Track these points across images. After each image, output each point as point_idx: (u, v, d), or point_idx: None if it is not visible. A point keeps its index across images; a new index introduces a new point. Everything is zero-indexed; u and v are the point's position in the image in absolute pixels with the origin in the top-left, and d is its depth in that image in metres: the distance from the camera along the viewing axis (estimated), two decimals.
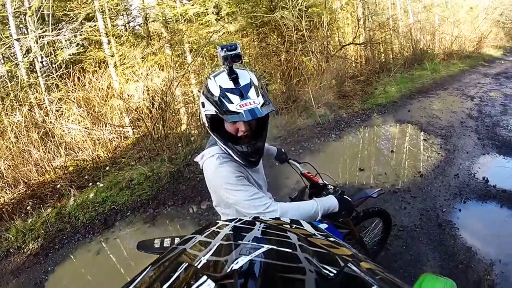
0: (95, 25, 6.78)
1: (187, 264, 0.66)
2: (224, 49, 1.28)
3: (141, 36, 7.83)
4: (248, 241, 0.80)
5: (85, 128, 5.84)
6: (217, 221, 1.03)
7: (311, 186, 2.04)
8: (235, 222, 1.00)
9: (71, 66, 6.77)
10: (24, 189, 4.69)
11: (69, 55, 6.75)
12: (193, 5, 7.31)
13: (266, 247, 0.71)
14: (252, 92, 1.29)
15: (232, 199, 1.40)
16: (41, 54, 6.56)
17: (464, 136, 5.18)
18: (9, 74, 6.68)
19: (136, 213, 4.08)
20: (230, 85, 1.29)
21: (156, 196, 4.29)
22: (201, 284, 0.54)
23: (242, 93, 1.27)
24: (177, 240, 1.86)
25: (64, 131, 5.80)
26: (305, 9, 7.56)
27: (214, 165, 1.42)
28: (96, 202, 4.27)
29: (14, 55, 6.51)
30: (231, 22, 7.70)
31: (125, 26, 8.28)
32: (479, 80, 9.11)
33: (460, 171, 4.15)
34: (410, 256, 2.88)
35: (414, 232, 3.17)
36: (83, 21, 6.74)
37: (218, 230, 0.92)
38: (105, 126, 6.01)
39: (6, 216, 4.17)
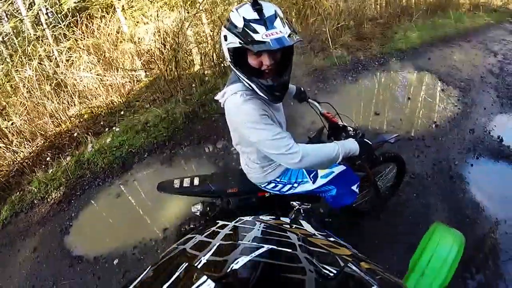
0: None
1: (187, 264, 0.66)
2: None
3: None
4: (248, 241, 0.81)
5: (97, 75, 5.76)
6: (217, 221, 1.04)
7: (330, 127, 2.02)
8: (235, 222, 1.01)
9: (78, 14, 6.49)
10: (42, 142, 4.76)
11: (75, 2, 6.38)
12: None
13: (266, 247, 0.72)
14: (278, 23, 1.24)
15: (255, 138, 1.38)
16: (45, 6, 6.33)
17: (483, 91, 5.01)
18: (15, 30, 6.57)
19: (153, 154, 4.11)
20: (255, 15, 1.24)
21: (172, 137, 4.29)
22: (201, 284, 0.55)
23: (267, 23, 1.22)
24: (196, 180, 1.92)
25: (76, 80, 5.73)
26: None
27: (238, 102, 1.38)
28: (113, 146, 4.31)
29: (17, 11, 6.33)
30: None
31: None
32: (504, 36, 8.58)
33: (476, 127, 4.07)
34: (420, 205, 2.91)
35: (426, 181, 3.19)
36: None
37: (218, 230, 0.93)
38: (117, 71, 5.91)
39: (28, 170, 4.27)
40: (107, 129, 4.79)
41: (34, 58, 5.81)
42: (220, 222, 1.03)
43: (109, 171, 4.01)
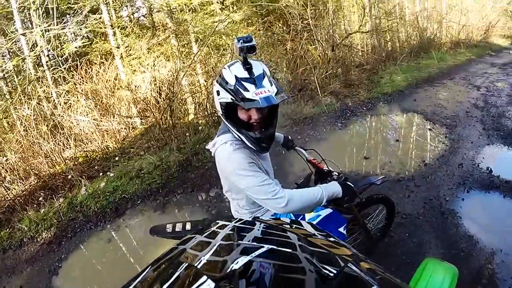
0: (100, 17, 6.75)
1: (187, 264, 0.66)
2: (241, 41, 1.34)
3: (146, 27, 7.80)
4: (248, 241, 0.81)
5: (94, 119, 5.90)
6: (217, 221, 1.04)
7: (316, 172, 2.08)
8: (235, 222, 1.01)
9: (78, 58, 6.81)
10: (36, 181, 4.77)
11: (76, 47, 6.75)
12: None
13: (266, 247, 0.72)
14: (266, 82, 1.38)
15: (244, 184, 1.46)
16: (47, 48, 6.58)
17: (469, 126, 5.17)
18: (16, 68, 6.76)
19: (146, 201, 4.16)
20: (245, 74, 1.36)
21: (165, 184, 4.37)
22: (201, 284, 0.55)
23: (256, 82, 1.35)
24: (188, 225, 1.97)
25: (72, 123, 5.86)
26: None
27: (228, 151, 1.48)
28: (107, 191, 4.36)
29: (20, 50, 6.53)
30: (236, 11, 7.66)
31: (129, 17, 8.23)
32: (486, 70, 9.00)
33: (464, 161, 4.15)
34: (413, 243, 2.92)
35: (417, 220, 3.21)
36: (88, 13, 6.72)
37: (218, 230, 0.93)
38: (113, 117, 6.07)
39: (19, 207, 4.28)
40: (101, 173, 4.85)
41: (33, 98, 5.97)
42: (220, 222, 1.02)
43: (101, 215, 4.04)
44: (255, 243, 0.78)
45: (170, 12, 7.24)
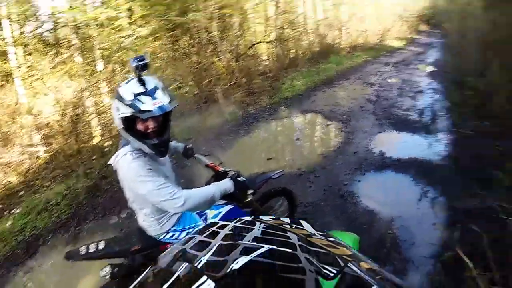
0: (0, 34, 6.08)
1: (187, 264, 0.68)
2: (136, 60, 1.53)
3: (50, 44, 7.31)
4: (248, 241, 0.81)
5: None
6: (217, 221, 1.05)
7: (214, 175, 2.23)
8: (235, 222, 1.03)
9: None
10: None
11: None
12: (106, 8, 7.04)
13: (266, 247, 0.73)
14: (159, 93, 1.58)
15: (143, 189, 1.60)
16: None
17: (362, 118, 5.83)
18: None
19: (58, 234, 3.98)
20: (141, 89, 1.55)
21: (75, 213, 4.27)
22: (201, 284, 0.56)
23: (151, 95, 1.55)
24: (101, 244, 2.00)
25: None
26: (217, 10, 7.79)
27: (128, 160, 1.63)
28: (15, 230, 4.11)
29: None
30: (143, 26, 7.61)
31: (33, 33, 7.63)
32: (379, 68, 10.06)
33: (359, 148, 4.70)
34: (317, 226, 3.16)
35: (319, 206, 3.50)
36: None
37: (218, 230, 0.94)
38: (14, 147, 5.66)
39: None
40: (6, 212, 4.56)
41: None
42: (220, 222, 1.03)
43: (13, 258, 3.74)
44: (255, 243, 0.77)
45: (76, 28, 6.90)
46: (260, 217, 1.15)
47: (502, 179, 3.35)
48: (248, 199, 1.89)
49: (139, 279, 0.71)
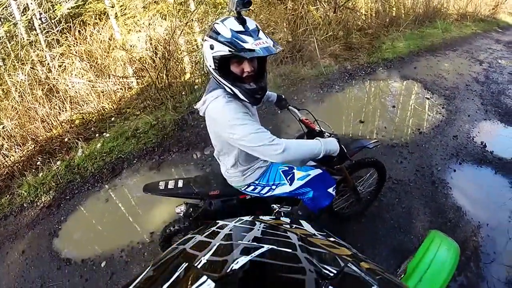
0: None
1: (187, 264, 0.67)
2: None
3: None
4: (248, 241, 0.81)
5: (89, 81, 5.82)
6: (217, 221, 1.05)
7: (308, 132, 2.09)
8: (235, 222, 1.02)
9: (71, 20, 6.53)
10: (33, 146, 4.80)
11: (68, 9, 6.46)
12: None
13: (266, 247, 0.73)
14: (261, 34, 1.43)
15: (239, 133, 1.45)
16: (39, 11, 6.33)
17: (467, 99, 5.13)
18: (8, 34, 6.56)
19: (142, 160, 4.18)
20: (240, 28, 1.40)
21: (161, 143, 4.38)
22: (201, 284, 0.56)
23: (252, 34, 1.40)
24: (180, 182, 2.00)
25: (68, 85, 5.77)
26: None
27: (221, 103, 1.50)
28: (104, 152, 4.38)
29: (11, 15, 6.31)
30: None
31: None
32: (490, 45, 8.77)
33: (460, 133, 4.15)
34: (402, 209, 2.96)
35: (408, 186, 3.24)
36: None
37: (218, 230, 0.94)
38: (109, 78, 5.98)
39: (18, 173, 4.33)
40: (97, 135, 4.84)
41: (26, 63, 5.86)
42: (220, 222, 1.04)
43: (98, 176, 4.06)
44: (255, 243, 0.78)
45: None
46: (260, 217, 1.14)
47: None
48: (340, 166, 1.74)
49: (139, 279, 0.69)
